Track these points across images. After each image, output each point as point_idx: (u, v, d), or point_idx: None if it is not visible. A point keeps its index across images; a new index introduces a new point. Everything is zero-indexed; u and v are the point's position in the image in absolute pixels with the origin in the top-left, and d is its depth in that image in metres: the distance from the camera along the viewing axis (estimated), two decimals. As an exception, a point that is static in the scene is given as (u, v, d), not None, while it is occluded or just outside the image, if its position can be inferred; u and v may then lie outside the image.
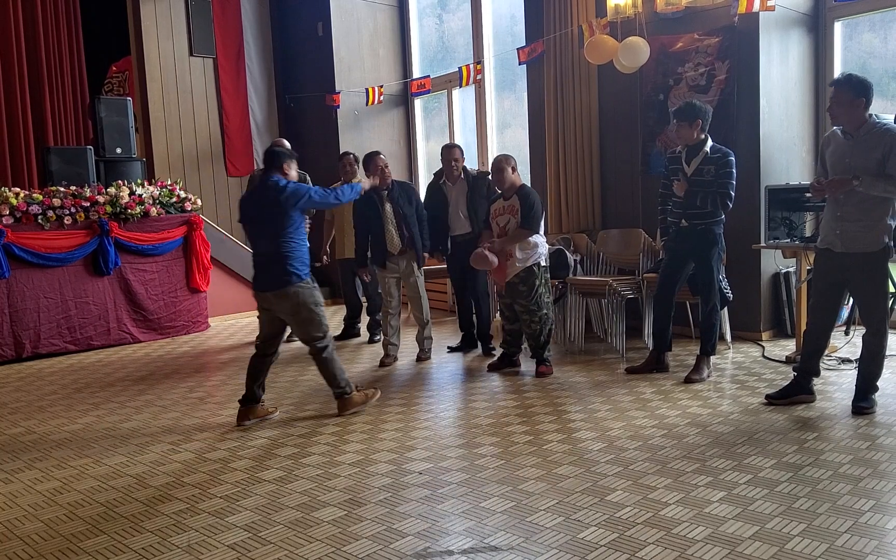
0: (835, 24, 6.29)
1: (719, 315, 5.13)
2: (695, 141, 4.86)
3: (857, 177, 3.93)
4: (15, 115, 8.47)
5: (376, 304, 6.79)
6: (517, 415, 4.44)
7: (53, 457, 4.13)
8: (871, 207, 3.98)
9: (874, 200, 3.97)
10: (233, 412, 4.83)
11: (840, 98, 4.01)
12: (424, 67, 9.74)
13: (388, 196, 5.79)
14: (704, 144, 4.88)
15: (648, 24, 6.43)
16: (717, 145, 4.92)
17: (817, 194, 4.20)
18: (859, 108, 3.98)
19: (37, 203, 6.90)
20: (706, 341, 5.03)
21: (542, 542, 2.80)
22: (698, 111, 4.84)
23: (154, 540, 3.00)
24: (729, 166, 4.81)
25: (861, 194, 3.96)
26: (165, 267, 7.70)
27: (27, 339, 6.90)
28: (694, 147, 4.89)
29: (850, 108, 3.98)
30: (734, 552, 2.64)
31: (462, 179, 6.05)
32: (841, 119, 4.06)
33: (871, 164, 3.96)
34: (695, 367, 5.02)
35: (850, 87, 3.99)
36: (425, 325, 6.03)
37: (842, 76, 4.08)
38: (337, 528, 3.01)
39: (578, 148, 7.05)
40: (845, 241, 4.07)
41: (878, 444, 3.65)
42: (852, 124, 4.03)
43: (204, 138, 9.45)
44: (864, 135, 4.01)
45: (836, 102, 4.04)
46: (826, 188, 4.07)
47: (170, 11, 9.08)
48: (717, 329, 5.10)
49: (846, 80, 4.03)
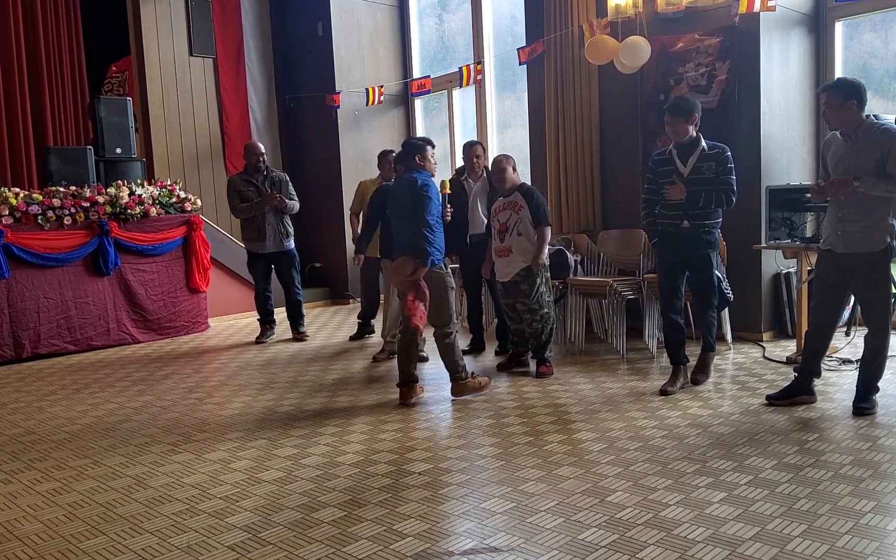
0: (836, 24, 6.29)
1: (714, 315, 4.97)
2: (688, 138, 4.67)
3: (858, 178, 3.93)
4: (15, 115, 8.47)
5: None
6: (517, 415, 4.44)
7: (53, 457, 4.13)
8: (872, 208, 3.98)
9: (875, 201, 3.97)
10: (233, 412, 4.84)
11: (830, 102, 4.05)
12: (424, 67, 9.75)
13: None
14: (699, 141, 4.69)
15: (649, 24, 6.43)
16: (712, 142, 4.76)
17: (818, 196, 4.21)
18: (850, 109, 4.00)
19: (36, 203, 6.90)
20: (706, 335, 4.89)
21: (543, 543, 2.79)
22: (693, 106, 4.68)
23: (154, 540, 3.00)
24: (729, 161, 4.67)
25: (862, 195, 3.96)
26: (165, 267, 7.70)
27: (27, 339, 6.89)
28: (687, 145, 4.69)
29: (841, 110, 4.01)
30: (735, 553, 2.63)
31: (484, 178, 6.05)
32: (834, 122, 4.09)
33: (870, 164, 3.96)
34: (699, 366, 4.92)
35: (839, 91, 4.03)
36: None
37: (831, 81, 4.18)
38: (337, 529, 3.00)
39: (579, 148, 7.04)
40: (847, 241, 4.07)
41: (879, 445, 3.64)
42: (847, 126, 4.04)
43: (204, 138, 9.45)
44: (862, 136, 4.01)
45: (827, 107, 4.08)
46: (826, 189, 4.08)
47: (170, 11, 9.08)
48: (713, 328, 4.93)
49: (834, 84, 4.11)
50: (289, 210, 7.14)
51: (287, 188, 7.21)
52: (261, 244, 7.09)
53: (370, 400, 4.98)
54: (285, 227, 7.16)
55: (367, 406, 4.82)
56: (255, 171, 7.10)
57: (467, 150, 6.06)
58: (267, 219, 7.04)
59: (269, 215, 7.05)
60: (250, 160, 7.11)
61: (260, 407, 4.94)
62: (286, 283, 7.30)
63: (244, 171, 7.21)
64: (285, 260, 7.24)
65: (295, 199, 7.24)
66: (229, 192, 7.15)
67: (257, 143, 7.35)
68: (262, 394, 5.28)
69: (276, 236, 7.10)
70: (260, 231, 7.04)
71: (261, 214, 7.02)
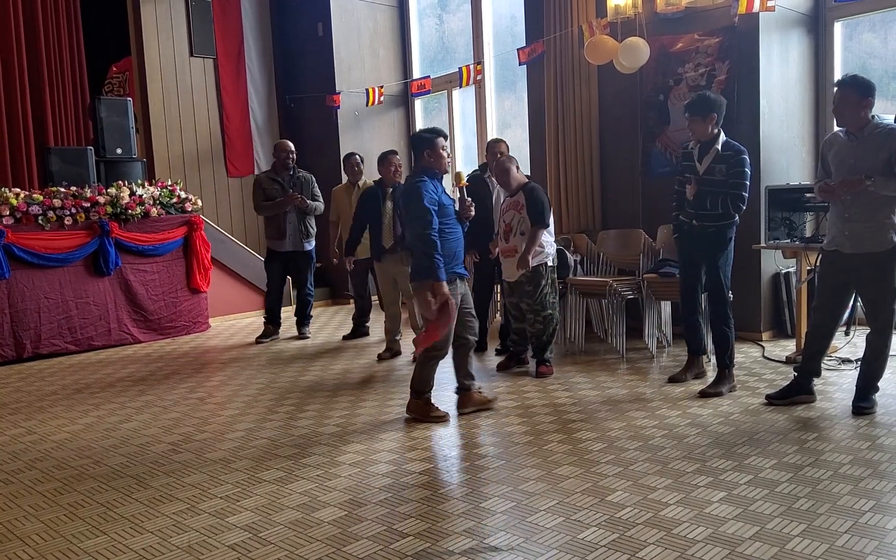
0: (835, 24, 6.29)
1: (732, 323, 4.71)
2: (708, 136, 4.57)
3: (870, 177, 3.92)
4: (15, 116, 8.47)
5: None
6: (517, 415, 4.44)
7: (54, 457, 4.13)
8: (878, 207, 3.98)
9: (881, 200, 3.97)
10: (234, 412, 4.84)
11: (847, 98, 3.98)
12: (424, 68, 9.75)
13: (391, 194, 5.92)
14: (716, 141, 4.56)
15: (648, 25, 6.43)
16: (730, 141, 4.59)
17: (827, 196, 4.14)
18: (866, 108, 3.98)
19: (37, 203, 6.90)
20: (721, 353, 4.68)
21: (543, 542, 2.80)
22: (713, 104, 4.53)
23: (154, 540, 3.00)
24: (741, 165, 4.48)
25: (869, 195, 3.96)
26: (166, 267, 7.70)
27: (28, 339, 6.90)
28: (706, 143, 4.59)
29: (857, 108, 3.97)
30: (734, 552, 2.64)
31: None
32: (847, 119, 4.03)
33: (878, 165, 3.96)
34: (714, 381, 4.69)
35: (857, 87, 3.98)
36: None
37: (847, 77, 4.06)
38: (337, 529, 3.01)
39: (578, 148, 7.05)
40: (854, 241, 4.07)
41: (879, 444, 3.65)
42: (857, 125, 4.01)
43: (204, 139, 9.46)
44: (868, 136, 4.00)
45: (843, 103, 4.00)
46: (837, 189, 4.04)
47: (170, 12, 9.08)
48: (732, 339, 4.69)
49: (852, 80, 4.02)
50: (311, 211, 7.20)
51: (311, 189, 7.26)
52: (280, 242, 7.16)
53: (371, 399, 4.98)
54: (306, 228, 7.22)
55: (368, 406, 4.83)
56: (283, 169, 7.16)
57: (491, 146, 5.95)
58: (288, 218, 7.11)
59: (291, 215, 7.12)
60: (279, 157, 7.18)
61: (261, 406, 4.94)
62: (300, 282, 7.39)
63: (272, 170, 7.30)
64: (303, 260, 7.29)
65: (319, 201, 7.29)
66: (255, 190, 7.22)
67: (287, 142, 7.43)
68: (262, 394, 5.29)
69: (296, 236, 7.17)
70: (280, 229, 7.11)
71: (283, 213, 7.07)
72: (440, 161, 4.34)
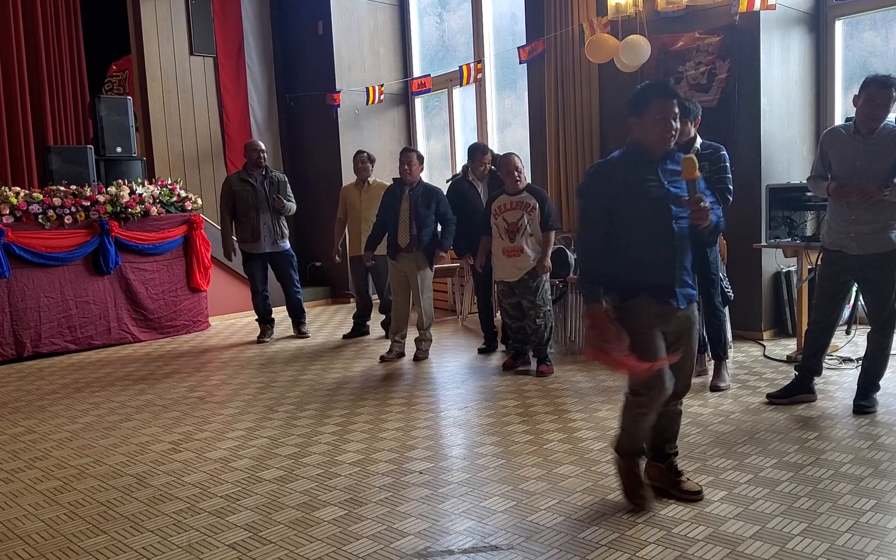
0: (836, 22, 6.29)
1: (724, 315, 4.85)
2: (687, 137, 4.59)
3: (888, 185, 3.93)
4: (15, 115, 8.46)
5: (388, 302, 6.80)
6: (517, 414, 4.44)
7: (54, 456, 4.13)
8: (883, 209, 4.00)
9: (885, 202, 3.98)
10: (234, 411, 4.84)
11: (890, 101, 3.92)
12: (425, 66, 9.74)
13: (409, 193, 5.92)
14: (695, 141, 4.66)
15: (649, 23, 6.42)
16: (706, 141, 4.73)
17: (841, 198, 4.07)
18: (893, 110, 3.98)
19: (37, 202, 6.90)
20: (714, 345, 4.79)
21: (543, 541, 2.79)
22: (692, 106, 4.63)
23: (154, 539, 3.00)
24: (722, 160, 4.63)
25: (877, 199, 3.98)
26: (166, 266, 7.70)
27: (28, 338, 6.90)
28: (685, 145, 4.59)
29: (889, 110, 3.96)
30: (735, 552, 2.64)
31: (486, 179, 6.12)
32: (880, 121, 3.97)
33: (887, 166, 3.96)
34: (715, 374, 4.81)
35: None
36: (425, 326, 6.04)
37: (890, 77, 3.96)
38: (337, 528, 3.00)
39: (579, 147, 7.04)
40: (861, 243, 4.06)
41: (880, 443, 3.64)
42: (874, 124, 3.98)
43: (204, 138, 9.44)
44: (878, 137, 3.99)
45: (883, 106, 3.93)
46: (857, 195, 3.98)
47: (170, 11, 9.07)
48: (725, 331, 4.85)
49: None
50: (286, 211, 7.16)
51: (285, 189, 7.21)
52: (255, 244, 7.09)
53: (371, 398, 4.98)
54: (281, 228, 7.17)
55: (368, 405, 4.82)
56: (255, 168, 7.10)
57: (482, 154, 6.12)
58: (262, 219, 7.04)
59: (265, 215, 7.05)
60: (251, 156, 7.11)
61: (261, 406, 4.94)
62: (285, 282, 7.32)
63: (243, 170, 7.21)
64: (282, 260, 7.24)
65: (292, 202, 7.25)
66: (223, 191, 7.16)
67: (258, 141, 7.37)
68: (262, 393, 5.29)
69: (271, 236, 7.11)
70: (254, 231, 7.04)
71: (256, 215, 7.03)
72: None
